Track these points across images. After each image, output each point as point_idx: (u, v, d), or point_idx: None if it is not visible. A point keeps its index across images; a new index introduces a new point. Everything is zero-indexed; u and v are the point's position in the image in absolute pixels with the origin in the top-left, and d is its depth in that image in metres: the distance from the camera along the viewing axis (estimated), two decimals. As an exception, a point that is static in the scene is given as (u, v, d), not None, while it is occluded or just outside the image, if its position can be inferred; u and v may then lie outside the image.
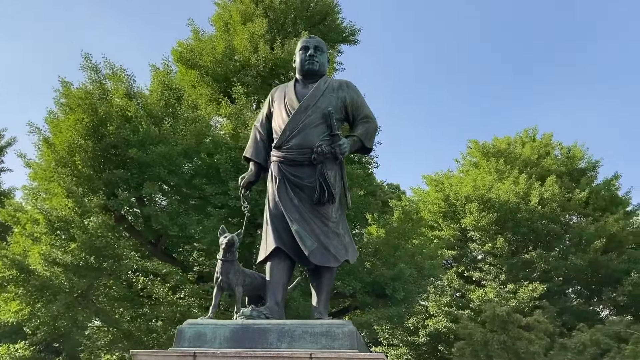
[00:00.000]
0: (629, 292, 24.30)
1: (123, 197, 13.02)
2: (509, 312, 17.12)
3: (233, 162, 13.64)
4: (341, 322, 6.43)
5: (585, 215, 28.66)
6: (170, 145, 13.26)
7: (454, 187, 29.12)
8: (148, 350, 6.23)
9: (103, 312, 13.41)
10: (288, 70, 17.67)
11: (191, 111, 14.70)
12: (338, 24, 22.85)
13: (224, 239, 7.13)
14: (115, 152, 13.66)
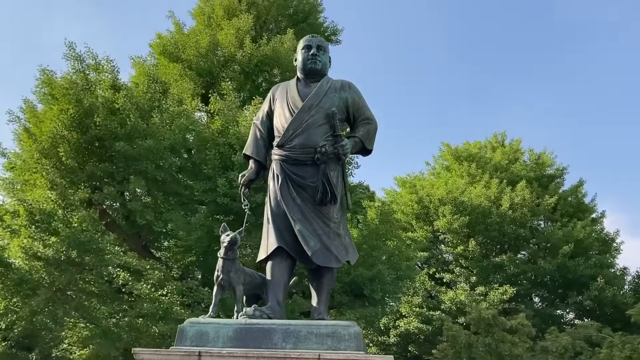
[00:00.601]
0: (594, 297, 24.95)
1: (108, 191, 12.69)
2: (495, 315, 17.41)
3: (221, 159, 13.48)
4: (347, 323, 6.43)
5: (553, 220, 29.34)
6: (157, 139, 12.99)
7: (427, 190, 29.45)
8: (151, 349, 6.10)
9: (83, 308, 13.06)
10: (272, 67, 17.59)
11: (177, 105, 14.45)
12: (319, 23, 22.86)
13: (226, 237, 7.05)
14: (99, 145, 13.31)
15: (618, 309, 25.51)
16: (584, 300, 25.34)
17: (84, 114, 13.09)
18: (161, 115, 13.63)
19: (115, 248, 12.76)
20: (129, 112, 13.13)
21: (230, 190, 12.92)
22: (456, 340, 16.42)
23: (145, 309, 12.62)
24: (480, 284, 25.82)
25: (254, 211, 13.56)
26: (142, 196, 13.48)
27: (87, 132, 13.15)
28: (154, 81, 14.76)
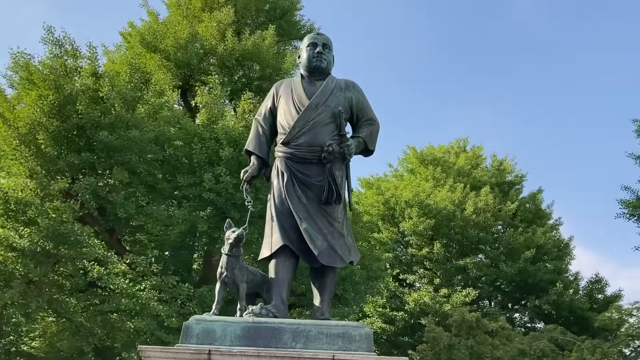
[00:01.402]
0: (553, 301, 25.73)
1: (88, 181, 12.25)
2: (478, 318, 17.73)
3: (207, 154, 13.21)
4: (357, 324, 6.41)
5: (514, 226, 30.10)
6: (142, 130, 12.63)
7: (392, 191, 29.75)
8: (158, 347, 5.92)
9: (56, 302, 12.57)
10: (253, 63, 17.37)
11: (158, 96, 14.09)
12: (296, 20, 22.75)
13: (232, 233, 6.92)
14: (80, 134, 12.82)
15: (575, 313, 26.41)
16: (543, 304, 26.10)
17: (65, 101, 12.61)
18: (143, 106, 13.26)
19: (95, 241, 12.34)
20: (113, 102, 12.72)
21: (216, 185, 12.71)
22: (436, 342, 16.65)
23: (122, 304, 12.25)
24: (444, 285, 26.25)
25: (238, 208, 13.47)
26: (122, 188, 13.07)
27: (67, 120, 12.66)
28: (136, 70, 14.36)
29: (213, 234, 13.20)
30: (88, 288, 13.33)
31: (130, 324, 12.65)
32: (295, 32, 22.10)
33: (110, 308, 12.65)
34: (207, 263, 14.79)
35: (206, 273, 14.64)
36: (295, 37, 22.21)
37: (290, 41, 22.14)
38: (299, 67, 8.11)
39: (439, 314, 23.80)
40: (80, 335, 12.70)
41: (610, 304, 29.29)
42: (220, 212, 13.21)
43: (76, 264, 12.20)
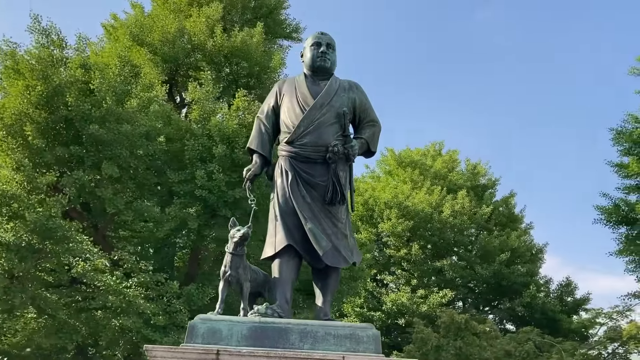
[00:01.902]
0: (526, 304, 26.18)
1: (77, 175, 11.93)
2: (467, 320, 17.92)
3: (199, 150, 12.99)
4: (365, 325, 6.40)
5: (488, 229, 30.53)
6: (134, 125, 12.36)
7: (370, 192, 29.89)
8: (165, 347, 5.82)
9: (40, 298, 12.22)
10: (241, 60, 17.16)
11: (147, 90, 13.82)
12: (282, 19, 22.65)
13: (237, 231, 6.85)
14: (68, 126, 12.46)
15: (546, 315, 26.91)
16: (516, 306, 26.53)
17: (53, 92, 12.26)
18: (131, 100, 12.97)
19: (82, 237, 12.04)
20: (104, 94, 12.42)
21: (208, 183, 12.51)
22: (424, 343, 16.79)
23: (109, 301, 11.97)
24: (421, 286, 26.49)
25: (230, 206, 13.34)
26: (111, 183, 12.77)
27: (55, 112, 12.32)
28: (126, 63, 14.07)
29: (202, 231, 13.04)
30: (71, 284, 13.01)
31: (116, 322, 12.40)
32: (281, 31, 22.02)
33: (96, 305, 12.37)
34: (192, 260, 14.61)
35: (191, 271, 14.46)
36: (281, 35, 22.13)
37: (275, 39, 22.04)
38: (302, 66, 8.07)
39: (416, 314, 24.01)
40: (64, 332, 12.39)
41: (579, 306, 29.94)
42: (210, 209, 13.06)
43: (61, 260, 11.89)
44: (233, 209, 13.02)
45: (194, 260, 14.52)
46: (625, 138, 20.12)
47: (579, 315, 29.69)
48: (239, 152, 13.03)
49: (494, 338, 17.24)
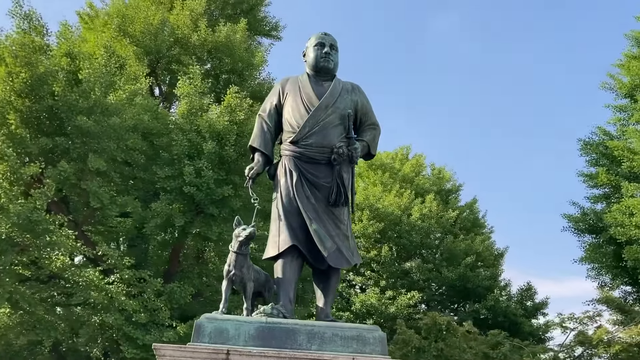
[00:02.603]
0: (490, 307, 26.75)
1: (63, 167, 11.56)
2: (449, 322, 18.17)
3: (188, 146, 12.77)
4: (370, 327, 6.48)
5: (454, 233, 31.08)
6: (122, 118, 12.05)
7: (343, 194, 29.99)
8: (174, 346, 5.76)
9: (18, 293, 11.77)
10: (225, 56, 16.95)
11: (132, 83, 13.49)
12: (262, 17, 22.50)
13: (242, 230, 6.82)
14: (52, 116, 12.05)
15: (509, 318, 27.56)
16: (481, 309, 27.08)
17: (38, 80, 11.84)
18: (116, 92, 12.63)
19: (67, 230, 11.68)
20: (93, 85, 12.08)
21: (196, 179, 12.31)
22: (406, 344, 16.97)
23: (91, 297, 11.64)
24: (389, 288, 26.75)
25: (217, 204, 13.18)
26: (97, 177, 12.43)
27: (40, 101, 11.91)
28: (112, 54, 13.73)
29: (188, 228, 12.86)
30: (50, 280, 12.61)
31: (96, 319, 12.09)
32: (261, 28, 21.89)
33: (77, 301, 12.04)
34: (173, 258, 14.38)
35: (171, 268, 14.23)
36: (260, 33, 22.00)
37: (254, 37, 21.88)
38: (304, 65, 8.08)
39: (384, 316, 24.22)
40: (41, 328, 12.00)
41: (538, 310, 30.78)
42: (196, 206, 12.89)
43: (41, 254, 11.52)
44: (220, 207, 12.90)
45: (175, 258, 14.32)
46: (593, 149, 20.82)
47: (538, 318, 30.52)
48: (230, 150, 12.90)
49: (473, 340, 17.60)
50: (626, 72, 19.36)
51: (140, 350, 11.98)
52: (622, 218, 16.04)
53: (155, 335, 12.03)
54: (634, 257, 15.39)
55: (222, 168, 12.87)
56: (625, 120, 19.50)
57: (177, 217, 12.40)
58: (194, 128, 13.02)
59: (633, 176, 17.32)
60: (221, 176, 12.76)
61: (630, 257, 15.55)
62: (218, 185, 12.54)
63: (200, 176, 12.36)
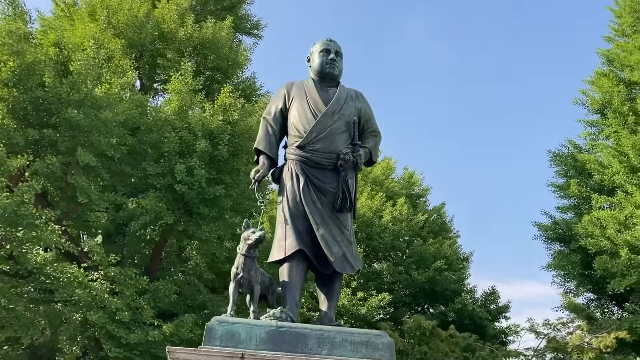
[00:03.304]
0: (458, 310, 27.30)
1: (51, 160, 11.23)
2: (434, 326, 18.41)
3: (180, 144, 12.58)
4: (379, 332, 6.65)
5: (422, 237, 31.56)
6: (115, 112, 11.79)
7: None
8: (188, 349, 5.79)
9: None
10: (211, 53, 16.76)
11: (119, 76, 13.21)
12: (243, 14, 22.39)
13: (252, 234, 6.89)
14: (40, 108, 11.68)
15: (474, 321, 28.18)
16: (448, 311, 27.59)
17: (26, 70, 11.47)
18: (102, 85, 12.35)
19: (53, 225, 11.37)
20: (85, 77, 11.79)
21: (187, 178, 12.15)
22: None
23: (75, 294, 11.36)
24: (360, 289, 26.99)
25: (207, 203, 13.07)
26: (85, 172, 12.13)
27: (28, 91, 11.54)
28: (100, 46, 13.42)
29: (176, 226, 12.72)
30: (30, 275, 12.26)
31: (77, 316, 11.81)
32: (242, 26, 21.77)
33: (60, 297, 11.75)
34: (156, 255, 14.20)
35: (152, 265, 14.03)
36: (242, 30, 21.88)
37: (235, 34, 21.74)
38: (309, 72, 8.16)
39: (354, 317, 24.42)
40: (20, 325, 11.63)
41: (500, 314, 31.53)
42: (184, 204, 12.76)
43: (22, 249, 11.18)
44: (210, 206, 12.82)
45: (157, 255, 14.14)
46: (562, 161, 21.53)
47: (500, 322, 31.29)
48: (223, 149, 12.84)
49: (456, 344, 17.96)
50: (597, 89, 20.08)
51: (123, 349, 11.80)
52: (592, 229, 16.67)
53: (139, 334, 11.86)
54: (604, 267, 16.02)
55: (213, 167, 12.79)
56: (595, 135, 20.24)
57: (166, 215, 12.26)
58: (185, 125, 12.89)
59: (602, 189, 18.00)
60: (212, 175, 12.70)
61: (600, 267, 16.18)
62: (209, 185, 12.47)
63: (192, 175, 12.26)
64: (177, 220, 12.52)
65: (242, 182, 13.08)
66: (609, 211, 16.37)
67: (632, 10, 22.79)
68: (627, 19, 22.76)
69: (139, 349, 11.94)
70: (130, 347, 11.87)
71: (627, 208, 15.91)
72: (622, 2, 23.37)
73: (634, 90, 20.01)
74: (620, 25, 23.73)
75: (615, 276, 15.71)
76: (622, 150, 16.74)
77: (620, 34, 23.73)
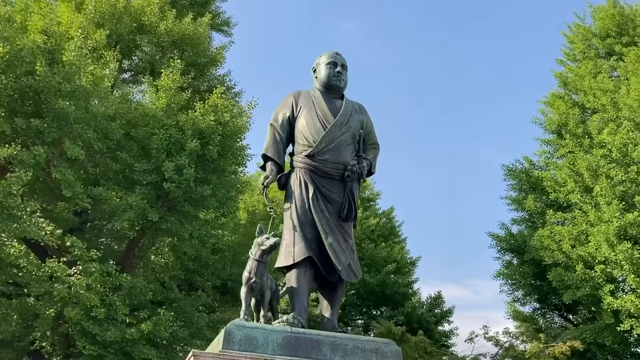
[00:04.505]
0: (407, 313, 28.08)
1: (38, 151, 10.77)
2: (404, 332, 18.77)
3: (169, 142, 12.32)
4: (387, 341, 6.96)
5: (373, 240, 32.23)
6: (105, 105, 11.45)
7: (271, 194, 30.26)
8: (212, 352, 5.86)
9: None
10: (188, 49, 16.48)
11: (101, 67, 12.80)
12: (213, 10, 22.17)
13: (266, 239, 7.07)
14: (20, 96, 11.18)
15: (421, 325, 29.05)
16: (398, 315, 28.32)
17: (15, 57, 10.96)
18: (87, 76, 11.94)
19: (38, 218, 10.94)
20: (77, 69, 11.39)
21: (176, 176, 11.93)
22: None
23: (54, 290, 10.94)
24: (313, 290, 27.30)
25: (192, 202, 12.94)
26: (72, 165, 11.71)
27: (16, 79, 11.04)
28: (87, 37, 12.99)
29: (161, 225, 12.52)
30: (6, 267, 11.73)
31: (51, 311, 11.38)
32: (213, 23, 21.52)
33: (37, 291, 11.32)
34: (129, 251, 13.91)
35: (125, 261, 13.71)
36: (213, 27, 21.63)
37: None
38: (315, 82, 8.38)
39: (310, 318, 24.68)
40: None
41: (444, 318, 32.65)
42: (169, 202, 12.58)
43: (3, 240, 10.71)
44: (196, 207, 12.75)
45: (130, 251, 13.86)
46: (515, 175, 22.57)
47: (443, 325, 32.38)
48: (213, 149, 12.77)
49: (424, 350, 18.47)
50: (555, 110, 21.16)
51: (97, 346, 11.52)
52: (548, 242, 17.61)
53: (115, 332, 11.62)
54: (559, 279, 16.96)
55: (200, 166, 12.70)
56: (550, 153, 21.36)
57: (151, 213, 12.08)
58: (173, 123, 12.72)
59: (557, 205, 19.03)
60: (199, 174, 12.61)
61: (555, 279, 17.12)
62: (198, 185, 12.38)
63: (181, 173, 12.13)
64: (161, 217, 12.36)
65: (228, 183, 13.08)
66: (565, 227, 17.35)
67: (584, 38, 24.15)
68: (579, 45, 24.11)
69: (114, 347, 11.72)
70: (104, 345, 11.62)
71: (581, 225, 16.92)
72: (576, 29, 24.71)
73: (586, 114, 21.26)
74: (572, 50, 25.08)
75: (570, 288, 16.68)
76: (577, 170, 17.77)
77: (572, 58, 25.10)
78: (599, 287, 15.70)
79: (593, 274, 15.75)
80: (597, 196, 16.46)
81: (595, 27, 23.58)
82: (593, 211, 16.20)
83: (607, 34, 22.60)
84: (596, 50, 23.69)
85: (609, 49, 22.68)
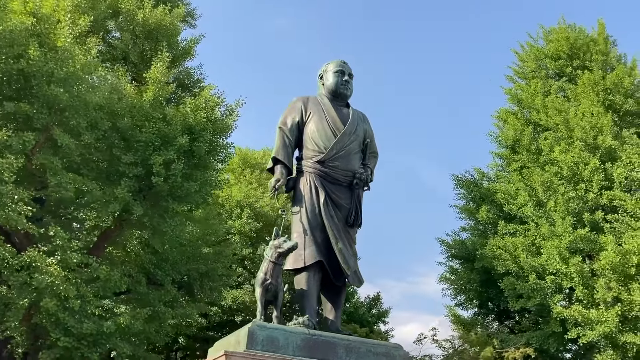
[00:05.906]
0: (350, 313, 28.67)
1: (27, 137, 10.19)
2: (367, 333, 18.97)
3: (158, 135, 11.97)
4: (395, 345, 7.34)
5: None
6: (97, 94, 10.98)
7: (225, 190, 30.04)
8: (243, 352, 5.98)
9: None
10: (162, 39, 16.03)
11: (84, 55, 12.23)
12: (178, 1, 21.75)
13: (284, 242, 7.26)
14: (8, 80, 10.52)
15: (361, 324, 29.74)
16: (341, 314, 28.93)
17: (6, 39, 10.30)
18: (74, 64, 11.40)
19: (23, 207, 10.34)
20: (70, 54, 10.88)
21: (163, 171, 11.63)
22: None
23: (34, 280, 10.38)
24: (254, 292, 27.43)
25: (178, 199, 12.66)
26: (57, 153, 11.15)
27: (5, 62, 10.40)
28: (74, 22, 12.42)
29: (143, 218, 12.21)
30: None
31: (25, 301, 10.84)
32: (177, 13, 21.06)
33: (15, 281, 10.74)
34: (100, 243, 13.44)
35: (94, 252, 13.21)
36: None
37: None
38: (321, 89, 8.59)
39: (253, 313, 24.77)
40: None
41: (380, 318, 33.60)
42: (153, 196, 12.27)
43: None
44: (182, 203, 12.55)
45: (102, 243, 13.41)
46: (465, 185, 23.45)
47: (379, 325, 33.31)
48: (203, 146, 12.59)
49: None
50: (510, 126, 22.07)
51: (72, 338, 11.10)
52: (500, 252, 18.49)
53: (91, 325, 11.23)
54: (511, 287, 17.86)
55: (187, 162, 12.50)
56: (503, 166, 22.32)
57: (135, 206, 11.77)
58: (160, 116, 12.43)
59: (508, 216, 19.98)
60: (186, 170, 12.42)
61: (507, 287, 18.01)
62: (186, 180, 12.20)
63: (169, 168, 11.90)
64: (146, 211, 12.09)
65: (214, 180, 12.99)
66: (519, 238, 18.24)
67: (536, 58, 25.33)
68: (531, 64, 25.27)
69: (88, 340, 11.36)
70: (78, 337, 11.24)
71: (532, 237, 17.86)
72: (528, 49, 25.85)
73: (537, 130, 22.33)
74: (522, 68, 26.26)
75: (522, 297, 17.58)
76: (531, 184, 18.72)
77: (522, 76, 26.28)
78: (548, 296, 16.68)
79: (544, 284, 16.71)
80: (550, 211, 17.43)
81: (547, 48, 24.69)
82: (546, 225, 17.15)
83: (559, 56, 23.74)
84: (546, 70, 24.84)
85: (559, 70, 23.84)
